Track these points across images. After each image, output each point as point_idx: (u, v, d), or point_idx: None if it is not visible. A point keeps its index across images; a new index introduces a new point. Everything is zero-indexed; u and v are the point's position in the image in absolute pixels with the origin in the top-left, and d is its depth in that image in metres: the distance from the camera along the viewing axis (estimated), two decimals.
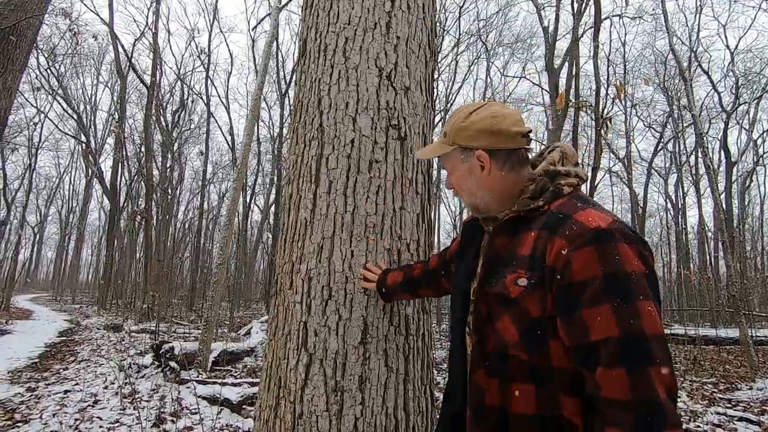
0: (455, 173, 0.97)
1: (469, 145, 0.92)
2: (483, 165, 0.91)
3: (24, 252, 33.14)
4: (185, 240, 24.24)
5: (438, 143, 0.99)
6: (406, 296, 1.32)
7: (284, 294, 1.46)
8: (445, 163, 0.99)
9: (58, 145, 27.32)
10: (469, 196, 0.97)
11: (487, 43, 16.31)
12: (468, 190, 0.96)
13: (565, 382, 0.77)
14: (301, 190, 1.48)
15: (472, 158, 0.92)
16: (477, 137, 0.91)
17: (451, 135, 0.94)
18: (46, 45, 17.96)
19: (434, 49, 1.67)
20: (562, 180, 0.88)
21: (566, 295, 0.75)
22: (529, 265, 0.81)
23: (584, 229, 0.76)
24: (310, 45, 1.58)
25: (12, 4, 7.96)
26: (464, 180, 0.96)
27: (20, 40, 8.16)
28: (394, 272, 1.32)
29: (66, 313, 14.96)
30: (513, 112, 0.92)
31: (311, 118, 1.51)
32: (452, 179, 0.98)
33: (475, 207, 0.97)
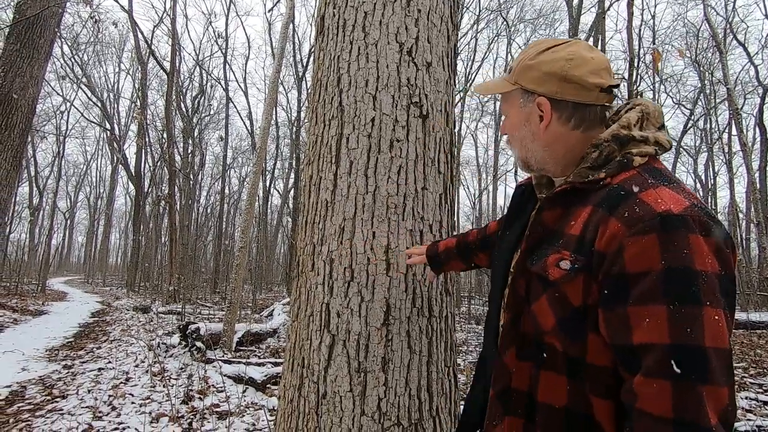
0: (511, 117, 0.84)
1: (532, 88, 0.78)
2: (542, 115, 0.77)
3: (57, 237, 34.55)
4: (208, 224, 24.78)
5: (500, 79, 0.85)
6: (458, 264, 1.22)
7: (306, 276, 1.46)
8: (503, 103, 0.86)
9: (84, 132, 28.12)
10: (520, 148, 0.84)
11: (507, 19, 15.78)
12: (520, 141, 0.83)
13: (601, 382, 0.68)
14: (321, 171, 1.46)
15: (532, 105, 0.79)
16: (542, 81, 0.76)
17: (515, 73, 0.80)
18: (69, 33, 18.29)
19: (456, 22, 1.60)
20: (635, 148, 0.72)
21: (614, 286, 0.64)
22: (575, 247, 0.69)
23: (649, 212, 0.62)
24: (329, 21, 1.54)
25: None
26: (518, 128, 0.83)
27: (44, 29, 8.31)
28: (445, 241, 1.24)
29: (97, 295, 15.59)
30: (598, 57, 0.76)
31: (330, 97, 1.47)
32: (507, 123, 0.86)
33: (526, 163, 0.84)
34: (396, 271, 1.36)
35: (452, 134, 1.57)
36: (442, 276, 1.45)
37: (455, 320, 1.68)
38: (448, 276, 1.48)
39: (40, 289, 14.20)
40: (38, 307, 9.62)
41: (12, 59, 8.00)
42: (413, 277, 1.38)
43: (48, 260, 18.39)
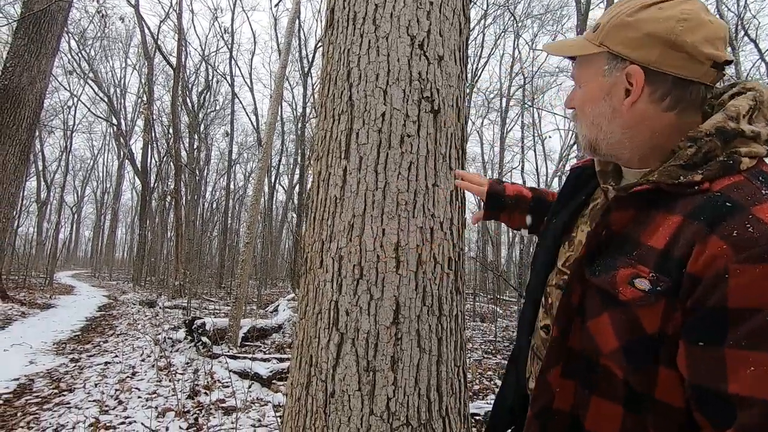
0: (586, 86, 0.68)
1: (624, 52, 0.62)
2: (629, 89, 0.62)
3: (64, 231, 34.89)
4: (213, 219, 24.89)
5: (580, 38, 0.69)
6: (520, 219, 1.05)
7: (314, 273, 1.44)
8: (578, 68, 0.70)
9: (91, 127, 28.29)
10: (590, 127, 0.68)
11: (515, 14, 15.64)
12: (593, 118, 0.67)
13: (672, 420, 0.57)
14: (330, 166, 1.44)
15: (620, 74, 0.62)
16: (640, 44, 0.60)
17: (604, 31, 0.64)
18: (77, 29, 18.37)
19: (468, 16, 1.57)
20: (743, 147, 0.57)
21: (709, 321, 0.52)
22: (658, 264, 0.56)
23: (765, 233, 0.49)
24: (338, 14, 1.51)
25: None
26: (594, 102, 0.67)
27: (51, 24, 8.34)
28: (513, 185, 1.07)
29: (104, 289, 15.72)
30: (717, 22, 0.60)
31: (340, 92, 1.45)
32: (578, 95, 0.70)
33: (593, 145, 0.69)
34: (406, 269, 1.33)
35: (463, 130, 1.54)
36: (452, 274, 1.42)
37: (465, 319, 1.65)
38: (458, 274, 1.46)
39: (47, 283, 14.33)
40: (46, 300, 9.71)
41: (20, 54, 8.04)
42: (423, 275, 1.36)
43: (55, 254, 18.56)
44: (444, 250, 1.40)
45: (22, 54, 8.03)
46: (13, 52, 8.12)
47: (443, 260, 1.40)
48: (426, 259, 1.36)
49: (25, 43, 8.06)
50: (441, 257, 1.39)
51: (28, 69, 8.05)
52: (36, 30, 8.10)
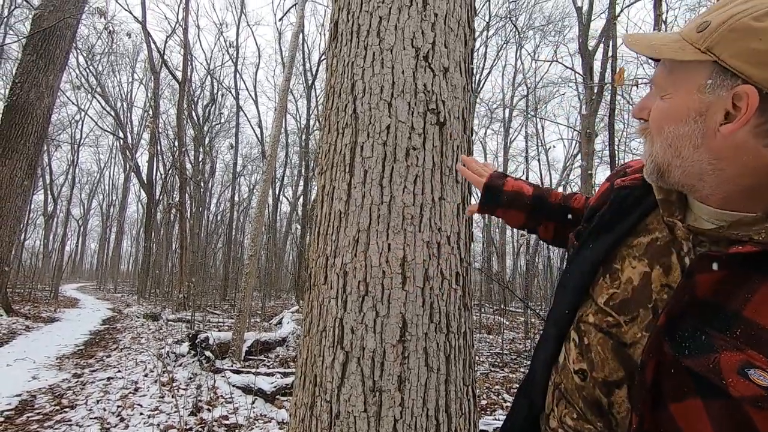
0: (672, 100, 0.54)
1: (741, 69, 0.47)
2: (734, 113, 0.48)
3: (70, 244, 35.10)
4: (218, 231, 24.95)
5: (676, 37, 0.54)
6: (517, 216, 0.96)
7: (319, 289, 1.41)
8: (665, 73, 0.55)
9: (98, 141, 28.62)
10: (665, 149, 0.55)
11: (517, 25, 15.77)
12: (672, 139, 0.54)
13: None
14: (334, 180, 1.41)
15: (726, 93, 0.48)
16: (763, 62, 0.46)
17: (716, 34, 0.49)
18: (85, 44, 18.69)
19: (473, 27, 1.55)
20: None
21: None
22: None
23: None
24: (342, 27, 1.50)
25: (51, 6, 8.26)
26: (679, 119, 0.53)
27: (60, 40, 8.48)
28: (516, 180, 0.98)
29: (109, 301, 15.71)
30: None
31: (344, 104, 1.43)
32: (658, 105, 0.56)
33: (662, 171, 0.56)
34: (412, 284, 1.30)
35: (470, 142, 1.51)
36: (460, 290, 1.38)
37: (473, 335, 1.60)
38: (466, 290, 1.42)
39: (52, 296, 14.35)
40: (50, 314, 9.70)
41: (28, 70, 8.17)
42: (430, 291, 1.32)
43: (61, 267, 18.62)
44: (451, 264, 1.37)
45: (30, 70, 8.16)
46: (22, 68, 8.25)
47: (451, 275, 1.36)
48: (433, 274, 1.33)
49: (34, 59, 8.20)
50: (448, 272, 1.36)
51: (36, 84, 8.17)
52: (44, 46, 8.23)
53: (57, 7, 8.19)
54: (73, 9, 8.50)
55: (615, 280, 0.63)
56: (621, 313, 0.61)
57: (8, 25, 15.85)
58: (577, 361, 0.66)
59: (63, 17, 8.05)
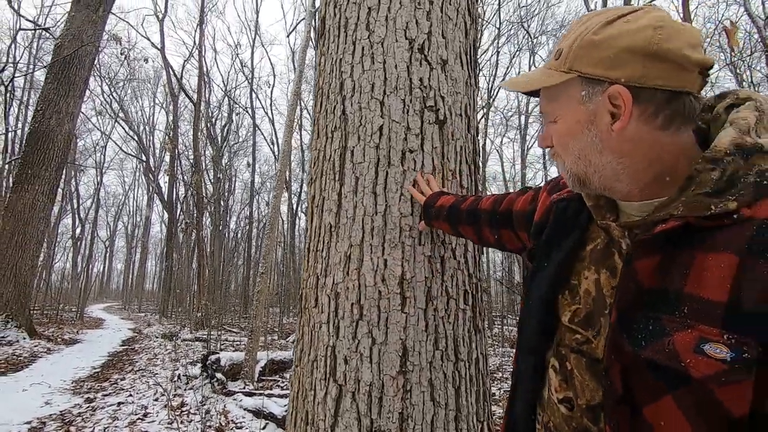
0: (563, 120, 0.59)
1: (600, 74, 0.54)
2: (617, 111, 0.53)
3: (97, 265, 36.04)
4: (237, 249, 25.17)
5: (542, 69, 0.61)
6: (444, 226, 1.09)
7: (309, 313, 1.25)
8: (546, 102, 0.62)
9: (122, 164, 29.50)
10: (576, 162, 0.59)
11: (529, 31, 15.59)
12: (578, 153, 0.58)
13: None
14: (324, 190, 1.27)
15: (600, 98, 0.54)
16: (618, 61, 0.53)
17: (570, 56, 0.56)
18: (108, 72, 19.40)
19: (475, 15, 1.41)
20: (764, 163, 0.49)
21: None
22: (729, 321, 0.44)
23: None
24: (329, 22, 1.37)
25: (71, 35, 8.54)
26: (576, 134, 0.57)
27: (79, 68, 8.73)
28: (448, 196, 1.09)
29: (131, 321, 15.90)
30: (689, 27, 0.54)
31: (333, 106, 1.29)
32: (554, 130, 0.61)
33: (582, 181, 0.60)
34: (413, 306, 1.13)
35: (475, 142, 1.35)
36: (469, 311, 1.21)
37: (488, 362, 1.39)
38: (476, 310, 1.24)
39: (78, 317, 14.60)
40: (72, 335, 9.81)
41: (50, 97, 8.40)
42: (434, 313, 1.15)
43: (86, 289, 19.02)
44: (458, 281, 1.20)
45: (51, 97, 8.40)
46: (44, 95, 8.51)
47: (458, 294, 1.19)
48: (437, 293, 1.16)
49: (55, 86, 8.44)
50: (455, 290, 1.19)
51: (57, 111, 8.39)
52: (64, 73, 8.48)
53: (75, 36, 8.45)
54: (92, 36, 8.77)
55: (575, 295, 0.63)
56: (587, 328, 0.60)
57: (36, 57, 16.60)
58: (561, 389, 0.62)
59: (81, 45, 8.29)
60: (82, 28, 8.59)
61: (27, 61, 15.63)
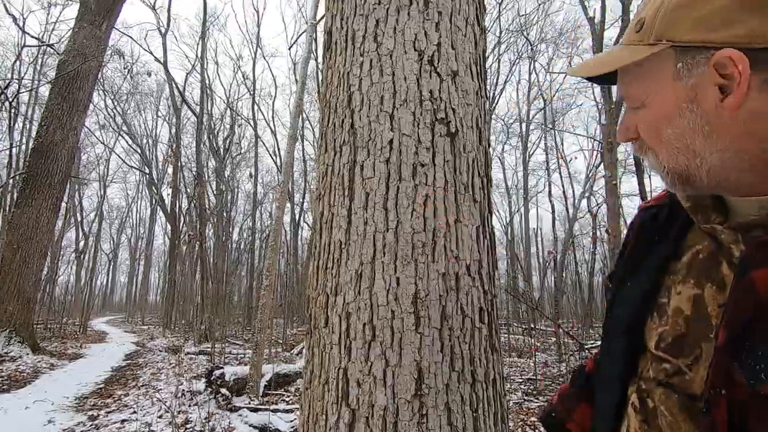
0: (653, 103, 0.48)
1: (702, 39, 0.43)
2: (727, 84, 0.43)
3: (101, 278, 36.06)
4: (241, 260, 25.15)
5: (619, 47, 0.50)
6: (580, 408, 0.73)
7: (319, 333, 1.21)
8: (629, 83, 0.51)
9: (126, 177, 29.65)
10: (676, 154, 0.47)
11: (529, 39, 15.68)
12: (676, 140, 0.47)
13: None
14: (333, 206, 1.24)
15: (704, 68, 0.44)
16: (725, 19, 0.42)
17: (658, 23, 0.46)
18: (112, 87, 19.58)
19: (484, 26, 1.38)
20: None
21: None
22: None
23: None
24: (336, 35, 1.35)
25: (74, 51, 8.62)
26: (672, 118, 0.46)
27: (83, 82, 8.79)
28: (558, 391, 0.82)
29: (135, 334, 15.82)
30: None
31: (341, 120, 1.26)
32: (641, 116, 0.50)
33: (686, 178, 0.48)
34: (428, 326, 1.09)
35: (486, 154, 1.32)
36: (485, 329, 1.16)
37: (504, 382, 1.35)
38: (492, 328, 1.20)
39: (81, 331, 14.55)
40: (76, 350, 9.75)
41: (54, 113, 8.46)
42: (450, 333, 1.10)
43: (89, 302, 18.99)
44: (473, 299, 1.16)
45: (55, 113, 8.45)
46: (48, 111, 8.57)
47: (473, 312, 1.15)
48: (452, 312, 1.11)
49: (58, 102, 8.50)
50: (470, 309, 1.14)
51: (61, 126, 8.44)
52: (68, 89, 8.54)
53: (79, 52, 8.53)
54: (95, 52, 8.85)
55: (663, 316, 0.52)
56: (678, 355, 0.49)
57: (41, 72, 16.78)
58: (641, 429, 0.51)
59: (85, 60, 8.36)
60: (85, 44, 8.67)
61: (31, 76, 15.80)
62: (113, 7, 9.33)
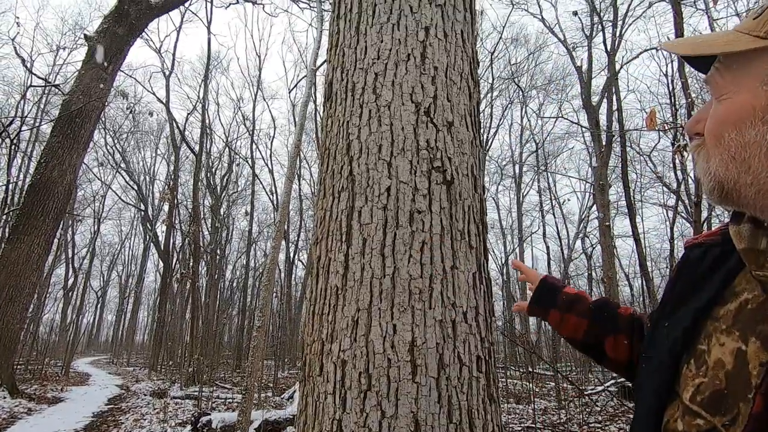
0: (730, 101, 0.44)
1: None
2: None
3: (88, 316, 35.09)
4: (233, 298, 24.70)
5: (728, 33, 0.46)
6: (579, 323, 0.79)
7: (313, 381, 1.18)
8: (720, 71, 0.46)
9: (120, 213, 29.55)
10: (728, 161, 0.44)
11: (520, 85, 16.33)
12: (735, 148, 0.43)
13: None
14: (330, 251, 1.24)
15: None
16: None
17: None
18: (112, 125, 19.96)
19: (477, 80, 1.45)
20: None
21: None
22: None
23: None
24: (336, 86, 1.41)
25: (79, 91, 8.85)
26: (743, 123, 0.43)
27: (85, 121, 8.96)
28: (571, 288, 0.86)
29: (119, 376, 15.22)
30: None
31: (340, 167, 1.30)
32: (714, 113, 0.46)
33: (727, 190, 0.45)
34: (425, 375, 1.07)
35: (482, 201, 1.35)
36: (483, 378, 1.14)
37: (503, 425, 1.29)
38: (491, 378, 1.17)
39: (63, 372, 13.98)
40: (56, 393, 9.33)
41: (54, 150, 8.54)
42: (447, 382, 1.08)
43: (75, 342, 18.39)
44: (470, 347, 1.14)
45: (56, 150, 8.54)
46: (49, 148, 8.66)
47: (470, 361, 1.13)
48: (449, 360, 1.10)
49: (60, 140, 8.61)
50: (467, 357, 1.13)
51: (60, 163, 8.51)
52: (70, 128, 8.68)
53: (84, 92, 8.75)
54: (100, 93, 9.08)
55: (701, 365, 0.48)
56: (714, 412, 0.44)
57: (44, 110, 17.12)
58: None
59: (89, 101, 8.57)
60: (90, 85, 8.92)
61: (34, 114, 16.10)
62: (120, 50, 9.68)
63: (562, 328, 0.82)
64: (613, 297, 10.29)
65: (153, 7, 9.78)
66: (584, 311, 0.79)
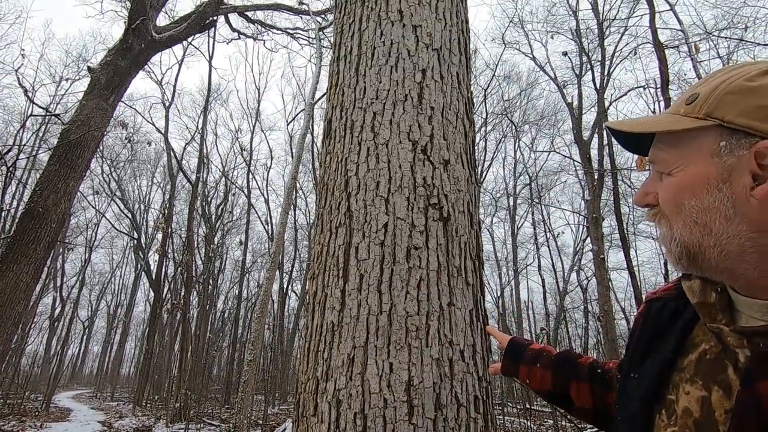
0: (683, 173, 0.49)
1: (751, 126, 0.45)
2: (761, 174, 0.44)
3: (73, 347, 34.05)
4: (224, 329, 24.14)
5: (666, 115, 0.51)
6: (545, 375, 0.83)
7: (307, 422, 1.15)
8: (663, 148, 0.52)
9: (113, 242, 29.25)
10: (691, 227, 0.48)
11: (513, 120, 16.75)
12: (696, 214, 0.47)
13: None
14: (326, 286, 1.24)
15: (745, 152, 0.45)
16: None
17: (712, 101, 0.47)
18: (110, 153, 20.09)
19: (473, 119, 1.50)
20: None
21: None
22: None
23: None
24: (335, 124, 1.45)
25: (79, 121, 8.96)
26: (699, 192, 0.47)
27: (83, 150, 9.03)
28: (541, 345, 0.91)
29: (102, 412, 14.61)
30: None
31: (338, 202, 1.31)
32: (666, 184, 0.51)
33: (693, 255, 0.49)
34: (421, 416, 1.05)
35: (478, 237, 1.36)
36: (480, 420, 1.12)
37: None
38: (488, 419, 1.15)
39: (43, 408, 13.40)
40: (35, 430, 8.91)
41: (50, 178, 8.54)
42: (444, 424, 1.06)
43: (57, 375, 17.75)
44: (467, 386, 1.13)
45: (51, 178, 8.54)
46: (45, 176, 8.66)
47: (468, 401, 1.11)
48: (446, 400, 1.08)
49: (57, 168, 8.62)
50: (464, 397, 1.11)
51: (55, 191, 8.48)
52: (67, 156, 8.72)
53: (84, 122, 8.86)
54: (100, 123, 9.20)
55: (671, 414, 0.51)
56: None
57: (42, 139, 17.24)
58: None
59: (88, 130, 8.66)
60: (91, 115, 9.04)
61: (32, 142, 16.21)
62: (123, 82, 9.88)
63: (531, 381, 0.86)
64: (609, 331, 10.18)
65: (157, 42, 10.06)
66: (548, 363, 0.85)
